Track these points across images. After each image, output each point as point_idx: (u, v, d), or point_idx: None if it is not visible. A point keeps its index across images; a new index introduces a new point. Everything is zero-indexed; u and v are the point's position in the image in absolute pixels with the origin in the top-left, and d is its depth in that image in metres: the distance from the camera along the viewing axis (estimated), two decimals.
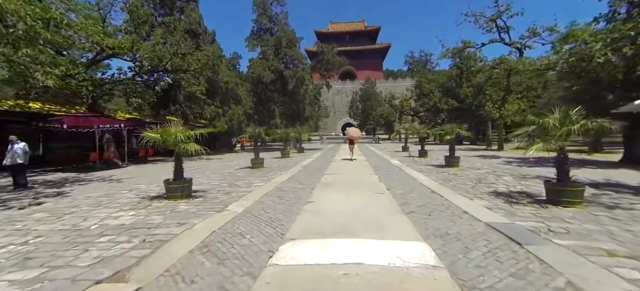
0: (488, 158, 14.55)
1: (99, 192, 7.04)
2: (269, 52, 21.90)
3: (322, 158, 16.28)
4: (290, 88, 22.45)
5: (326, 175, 9.01)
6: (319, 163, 13.18)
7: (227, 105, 21.58)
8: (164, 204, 5.43)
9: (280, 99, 23.62)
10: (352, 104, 57.54)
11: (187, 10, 18.85)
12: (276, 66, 21.70)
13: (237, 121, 22.23)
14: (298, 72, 22.35)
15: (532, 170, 9.39)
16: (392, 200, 5.50)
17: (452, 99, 28.01)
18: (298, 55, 23.14)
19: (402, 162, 12.71)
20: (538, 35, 17.02)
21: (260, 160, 11.61)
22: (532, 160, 12.36)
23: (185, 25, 18.59)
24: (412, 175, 8.67)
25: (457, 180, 7.67)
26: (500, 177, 8.00)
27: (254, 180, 8.28)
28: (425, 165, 11.33)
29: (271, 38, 22.67)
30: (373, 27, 75.57)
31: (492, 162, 12.21)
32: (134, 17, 14.36)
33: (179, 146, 5.91)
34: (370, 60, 73.49)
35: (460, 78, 28.37)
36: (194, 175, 10.06)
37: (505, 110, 18.13)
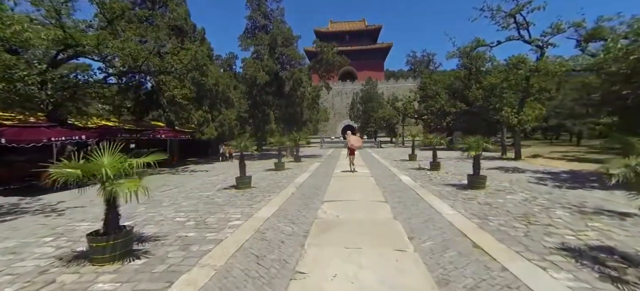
0: (510, 171, 12.73)
1: (12, 238, 5.21)
2: (264, 52, 20.08)
3: (321, 170, 14.46)
4: (287, 91, 20.65)
5: (324, 206, 7.18)
6: (316, 180, 11.35)
7: (217, 109, 19.75)
8: (77, 277, 3.59)
9: (276, 102, 21.81)
10: (353, 106, 55.79)
11: (171, 5, 17.02)
12: (271, 66, 19.88)
13: (228, 126, 20.41)
14: (295, 72, 20.54)
15: (576, 195, 7.55)
16: (423, 270, 3.67)
17: (460, 102, 26.19)
18: (295, 54, 21.33)
19: (415, 179, 10.89)
20: (563, 32, 15.24)
21: (247, 178, 9.78)
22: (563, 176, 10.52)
23: (170, 21, 16.76)
24: (433, 204, 6.84)
25: (496, 216, 5.85)
26: (550, 210, 6.18)
27: (232, 213, 6.46)
28: (444, 185, 9.51)
29: (266, 36, 20.86)
30: (374, 26, 73.79)
31: (519, 179, 10.40)
32: (106, 11, 12.55)
33: (106, 186, 4.07)
34: (371, 61, 71.69)
35: (468, 79, 26.56)
36: (163, 199, 8.27)
37: (524, 115, 16.32)
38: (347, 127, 64.74)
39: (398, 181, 10.58)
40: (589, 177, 10.70)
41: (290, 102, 21.66)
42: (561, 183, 9.49)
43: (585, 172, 12.18)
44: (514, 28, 16.30)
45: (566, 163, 15.37)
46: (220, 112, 19.75)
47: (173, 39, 17.04)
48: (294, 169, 15.12)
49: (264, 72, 19.90)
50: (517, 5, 15.41)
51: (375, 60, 72.20)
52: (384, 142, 50.62)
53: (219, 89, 19.50)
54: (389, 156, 22.29)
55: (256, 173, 13.52)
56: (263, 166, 17.08)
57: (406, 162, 17.15)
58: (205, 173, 14.35)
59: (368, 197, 8.02)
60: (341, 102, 65.23)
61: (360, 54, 71.29)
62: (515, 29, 16.29)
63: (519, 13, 15.31)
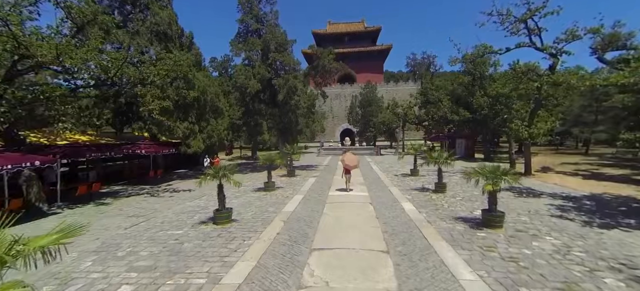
0: (524, 194, 11.44)
1: None
2: (255, 58, 18.78)
3: (315, 190, 13.15)
4: (280, 99, 19.33)
5: (313, 260, 5.90)
6: (308, 208, 10.05)
7: (205, 120, 18.43)
8: None
9: (269, 111, 20.52)
10: (351, 110, 54.52)
11: (153, 8, 15.68)
12: (263, 74, 18.59)
13: (217, 138, 19.09)
14: (289, 80, 19.23)
15: (617, 241, 6.21)
16: None
17: (464, 109, 24.94)
18: (289, 60, 20.03)
19: (419, 207, 9.59)
20: (578, 38, 14.00)
21: (227, 211, 8.47)
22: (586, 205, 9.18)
23: (152, 26, 15.43)
24: (446, 260, 5.54)
25: (530, 288, 4.56)
26: (595, 275, 4.89)
27: (196, 274, 5.15)
28: (454, 220, 8.21)
29: (258, 41, 19.55)
30: (373, 28, 72.56)
31: (539, 210, 9.12)
32: (75, 16, 11.24)
33: None
34: (371, 63, 70.41)
35: (472, 85, 25.33)
36: (123, 242, 6.95)
37: (535, 128, 15.06)
38: (346, 131, 63.50)
39: (400, 211, 9.28)
40: (618, 207, 9.44)
41: (284, 111, 20.38)
42: (590, 218, 8.21)
43: (608, 196, 10.92)
44: (525, 34, 15.04)
45: (583, 182, 14.11)
46: (208, 122, 18.43)
47: (155, 44, 15.73)
48: (285, 188, 13.82)
49: (256, 79, 18.61)
50: (529, 11, 14.15)
51: (374, 62, 70.99)
52: (384, 147, 49.39)
53: (207, 98, 18.19)
54: (389, 168, 21.02)
55: (243, 196, 12.23)
56: (253, 182, 15.78)
57: (408, 179, 15.87)
58: (187, 194, 13.02)
59: (366, 242, 6.73)
60: (340, 105, 63.98)
61: (359, 55, 70.15)
62: (526, 35, 15.04)
63: (530, 18, 14.06)
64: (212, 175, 8.26)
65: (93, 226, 8.39)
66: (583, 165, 20.31)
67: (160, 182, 16.31)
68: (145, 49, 15.24)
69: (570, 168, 19.37)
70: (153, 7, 15.77)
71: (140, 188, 14.62)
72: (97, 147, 12.89)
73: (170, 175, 19.58)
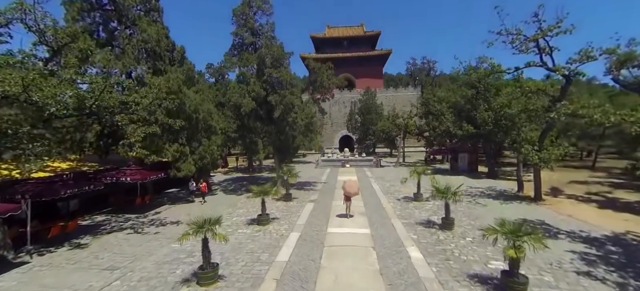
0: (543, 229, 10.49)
1: None
2: (250, 75, 17.82)
3: (312, 226, 12.15)
4: (276, 116, 18.36)
5: None
6: (304, 260, 9.08)
7: (197, 140, 17.44)
8: None
9: (265, 128, 19.55)
10: (351, 117, 53.71)
11: (141, 24, 14.68)
12: (258, 91, 17.64)
13: (210, 159, 18.10)
14: (286, 96, 18.27)
15: None
16: None
17: (467, 123, 24.07)
18: (286, 75, 19.07)
19: (427, 255, 8.62)
20: (593, 59, 13.14)
21: (213, 269, 7.44)
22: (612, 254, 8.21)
23: (139, 44, 14.44)
24: None
25: None
26: None
27: None
28: (468, 280, 7.25)
29: (253, 55, 18.61)
30: (373, 32, 71.74)
31: (561, 257, 8.20)
32: (49, 40, 10.28)
33: None
34: (370, 67, 69.52)
35: (476, 98, 24.48)
36: None
37: (546, 153, 14.17)
38: (345, 138, 62.62)
39: (407, 263, 8.31)
40: None
41: (281, 128, 19.41)
42: (622, 277, 7.29)
43: (634, 240, 10.01)
44: (535, 52, 14.18)
45: (600, 213, 13.18)
46: (200, 143, 17.44)
47: (143, 63, 14.75)
48: (281, 220, 12.85)
49: (250, 97, 17.66)
50: (540, 30, 13.29)
51: (374, 66, 70.18)
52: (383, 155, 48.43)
53: (199, 117, 17.21)
54: (390, 188, 20.08)
55: (235, 233, 11.20)
56: (247, 209, 14.82)
57: (412, 207, 14.93)
58: (174, 230, 11.99)
59: None
60: (339, 111, 63.03)
61: (358, 60, 69.36)
62: (536, 54, 14.17)
63: (542, 38, 13.19)
64: (195, 229, 7.25)
65: (60, 286, 7.40)
66: (593, 186, 19.44)
67: (148, 209, 15.31)
68: (132, 68, 14.24)
69: (581, 189, 18.50)
70: (141, 23, 14.78)
71: (125, 219, 13.61)
72: (75, 180, 11.87)
73: (159, 198, 18.58)
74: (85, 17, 13.27)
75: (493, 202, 15.56)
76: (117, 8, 13.94)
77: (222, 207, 15.67)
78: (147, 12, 17.04)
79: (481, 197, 16.92)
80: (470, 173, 26.45)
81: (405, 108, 61.94)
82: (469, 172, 26.59)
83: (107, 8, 13.96)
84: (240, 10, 19.65)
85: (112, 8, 13.98)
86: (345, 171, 29.40)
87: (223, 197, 18.79)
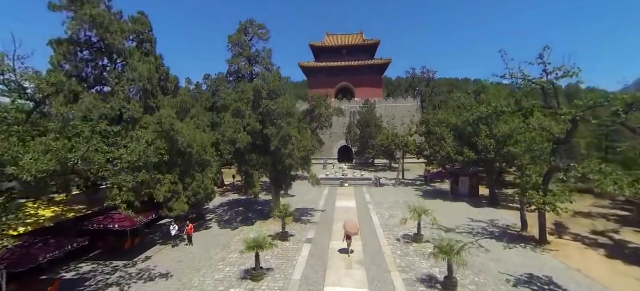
0: None
1: None
2: (245, 108, 17.26)
3: (309, 280, 11.58)
4: (273, 149, 17.82)
5: None
6: None
7: (190, 176, 16.86)
8: None
9: (261, 159, 18.96)
10: (350, 129, 53.23)
11: (132, 63, 14.08)
12: (254, 126, 17.08)
13: (204, 193, 17.52)
14: (283, 128, 17.75)
15: None
16: None
17: (469, 149, 23.57)
18: (283, 105, 18.52)
19: None
20: (600, 105, 12.66)
21: None
22: None
23: (129, 83, 13.86)
24: None
25: None
26: None
27: None
28: None
29: (248, 87, 18.07)
30: (372, 41, 71.24)
31: None
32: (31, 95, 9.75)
33: None
34: (369, 76, 69.09)
35: (477, 124, 23.95)
36: None
37: (552, 197, 13.64)
38: (344, 149, 62.08)
39: None
40: None
41: (278, 159, 18.86)
42: None
43: None
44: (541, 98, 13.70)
45: (609, 265, 12.65)
46: (194, 178, 16.87)
47: (134, 102, 14.18)
48: (275, 273, 12.26)
49: (246, 132, 17.12)
50: (544, 72, 12.80)
51: (373, 76, 69.77)
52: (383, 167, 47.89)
53: (193, 152, 16.64)
54: (390, 221, 19.53)
55: None
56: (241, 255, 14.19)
57: (412, 252, 14.40)
58: (164, 285, 11.41)
59: None
60: (338, 121, 62.09)
61: (358, 69, 68.93)
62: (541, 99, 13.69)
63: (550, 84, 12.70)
64: None
65: None
66: (599, 220, 18.92)
67: (139, 253, 14.71)
68: (123, 109, 13.66)
69: (586, 225, 17.97)
70: (132, 60, 14.20)
71: (113, 269, 13.00)
72: (59, 232, 11.28)
73: (151, 232, 18.01)
74: (73, 58, 12.69)
75: (496, 245, 15.02)
76: (107, 47, 13.38)
77: (215, 250, 15.10)
78: (140, 44, 16.53)
79: (484, 236, 16.40)
80: (471, 198, 25.94)
81: (405, 119, 61.65)
82: (469, 197, 26.09)
83: (96, 46, 13.40)
84: (237, 38, 19.16)
85: (102, 46, 13.42)
86: (343, 193, 28.85)
87: (217, 232, 18.20)
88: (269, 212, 22.47)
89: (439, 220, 18.51)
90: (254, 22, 20.14)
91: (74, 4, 11.98)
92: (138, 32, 16.10)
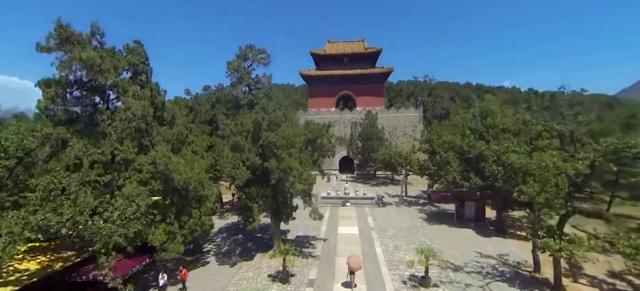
0: None
1: None
2: (244, 142, 16.56)
3: None
4: (273, 182, 17.11)
5: None
6: None
7: (187, 213, 16.15)
8: None
9: (261, 192, 18.23)
10: (351, 141, 52.49)
11: (126, 101, 13.31)
12: (253, 161, 16.38)
13: (201, 230, 16.80)
14: (284, 160, 17.02)
15: None
16: None
17: (475, 176, 22.81)
18: (286, 133, 17.83)
19: None
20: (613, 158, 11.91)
21: None
22: None
23: (122, 123, 13.13)
24: None
25: None
26: None
27: None
28: None
29: (247, 117, 17.38)
30: (373, 49, 70.55)
31: None
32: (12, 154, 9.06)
33: None
34: (371, 85, 68.33)
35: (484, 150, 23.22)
36: None
37: (567, 244, 12.90)
38: (345, 159, 61.34)
39: None
40: None
41: (278, 191, 18.15)
42: None
43: None
44: None
45: None
46: (190, 215, 16.15)
47: (127, 142, 13.47)
48: None
49: (245, 166, 16.41)
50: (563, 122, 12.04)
51: (375, 84, 69.05)
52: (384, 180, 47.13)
53: (189, 187, 15.92)
54: (395, 255, 18.80)
55: None
56: None
57: None
58: None
59: None
60: (339, 131, 61.73)
61: (359, 78, 68.22)
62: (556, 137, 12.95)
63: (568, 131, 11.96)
64: None
65: None
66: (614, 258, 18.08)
67: None
68: (116, 151, 12.94)
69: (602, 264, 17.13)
70: (125, 97, 13.49)
71: None
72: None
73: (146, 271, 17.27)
74: (62, 101, 11.97)
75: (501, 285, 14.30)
76: (99, 86, 12.69)
77: None
78: (134, 75, 15.87)
79: (494, 277, 15.66)
80: (477, 222, 25.21)
81: (407, 130, 61.00)
82: (475, 222, 25.36)
83: (87, 86, 12.70)
84: (236, 65, 18.48)
85: (94, 85, 12.72)
86: (345, 216, 28.10)
87: (214, 270, 17.45)
88: (268, 240, 21.74)
89: (445, 254, 17.82)
90: (253, 47, 19.42)
91: (63, 46, 11.30)
92: (133, 64, 15.44)
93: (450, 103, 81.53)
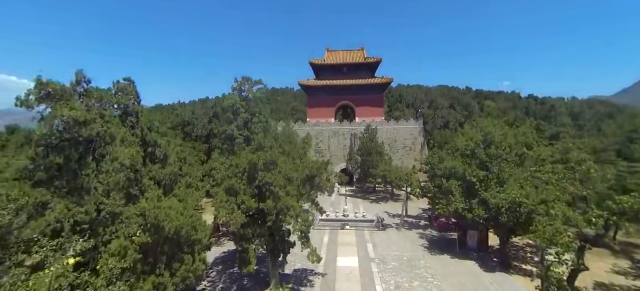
0: None
1: None
2: (239, 185, 15.87)
3: None
4: (269, 224, 16.42)
5: None
6: None
7: (179, 260, 15.39)
8: None
9: (257, 231, 17.52)
10: (351, 155, 51.86)
11: (113, 151, 12.59)
12: (249, 204, 15.68)
13: (194, 276, 16.05)
14: (280, 199, 16.35)
15: None
16: None
17: (478, 206, 22.17)
18: (284, 169, 17.17)
19: None
20: None
21: None
22: None
23: (108, 177, 12.39)
24: None
25: None
26: None
27: None
28: None
29: (243, 158, 16.68)
30: (373, 59, 69.93)
31: None
32: None
33: None
34: (370, 95, 67.72)
35: (487, 179, 22.66)
36: None
37: None
38: (343, 171, 60.67)
39: None
40: None
41: (275, 229, 17.46)
42: None
43: None
44: None
45: None
46: (182, 262, 15.40)
47: (114, 194, 12.73)
48: None
49: (240, 210, 15.70)
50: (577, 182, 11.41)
51: (374, 94, 68.44)
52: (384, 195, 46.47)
53: (181, 233, 15.18)
54: None
55: None
56: None
57: None
58: None
59: None
60: (338, 143, 61.19)
61: (358, 88, 67.53)
62: None
63: None
64: None
65: None
66: None
67: None
68: (102, 205, 12.21)
69: None
70: (113, 147, 12.75)
71: None
72: None
73: None
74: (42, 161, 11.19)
75: None
76: (82, 140, 11.95)
77: None
78: (124, 115, 15.16)
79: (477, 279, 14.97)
80: (480, 252, 24.59)
81: (407, 142, 60.42)
82: (477, 251, 24.74)
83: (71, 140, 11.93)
84: (231, 101, 17.79)
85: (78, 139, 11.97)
86: (344, 242, 27.42)
87: None
88: (265, 274, 21.03)
89: None
90: (249, 79, 18.78)
91: (45, 101, 10.59)
92: (123, 104, 14.74)
93: (449, 111, 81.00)
